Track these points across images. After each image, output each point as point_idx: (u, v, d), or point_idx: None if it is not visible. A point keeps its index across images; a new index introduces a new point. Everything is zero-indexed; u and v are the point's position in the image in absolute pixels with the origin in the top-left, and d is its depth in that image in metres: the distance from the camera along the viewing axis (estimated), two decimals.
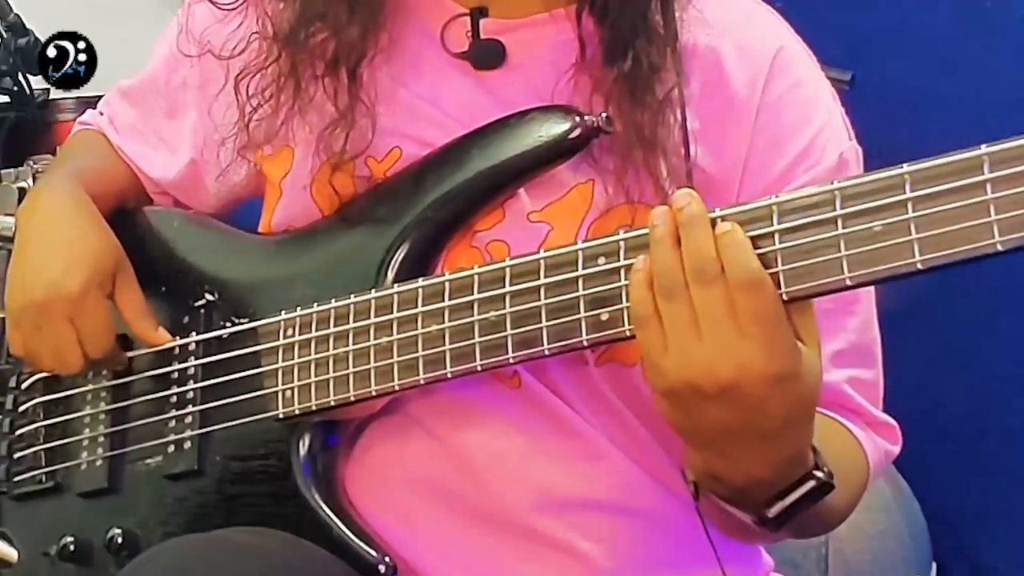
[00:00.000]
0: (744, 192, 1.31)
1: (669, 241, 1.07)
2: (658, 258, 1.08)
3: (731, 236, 1.06)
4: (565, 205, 1.31)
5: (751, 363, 1.05)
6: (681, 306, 1.06)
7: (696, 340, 1.06)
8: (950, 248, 1.00)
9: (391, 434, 1.35)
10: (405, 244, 1.33)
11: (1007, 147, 0.98)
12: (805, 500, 1.14)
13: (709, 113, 1.32)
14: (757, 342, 1.05)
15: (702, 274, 1.06)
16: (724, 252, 1.06)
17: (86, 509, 1.48)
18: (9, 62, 2.60)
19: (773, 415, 1.07)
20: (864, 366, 1.35)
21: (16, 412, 1.56)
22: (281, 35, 1.39)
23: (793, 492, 1.14)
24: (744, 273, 1.05)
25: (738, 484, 1.13)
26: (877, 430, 1.35)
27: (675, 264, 1.07)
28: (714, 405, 1.07)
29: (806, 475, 1.13)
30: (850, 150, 1.35)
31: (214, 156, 1.48)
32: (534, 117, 1.31)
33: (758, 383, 1.05)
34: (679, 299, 1.06)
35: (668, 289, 1.07)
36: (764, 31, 1.37)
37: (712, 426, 1.09)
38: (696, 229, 1.07)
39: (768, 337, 1.05)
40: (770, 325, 1.05)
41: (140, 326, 1.46)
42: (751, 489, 1.13)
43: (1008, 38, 2.46)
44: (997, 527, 2.60)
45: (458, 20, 1.38)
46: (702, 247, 1.06)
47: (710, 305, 1.05)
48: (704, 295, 1.06)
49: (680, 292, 1.06)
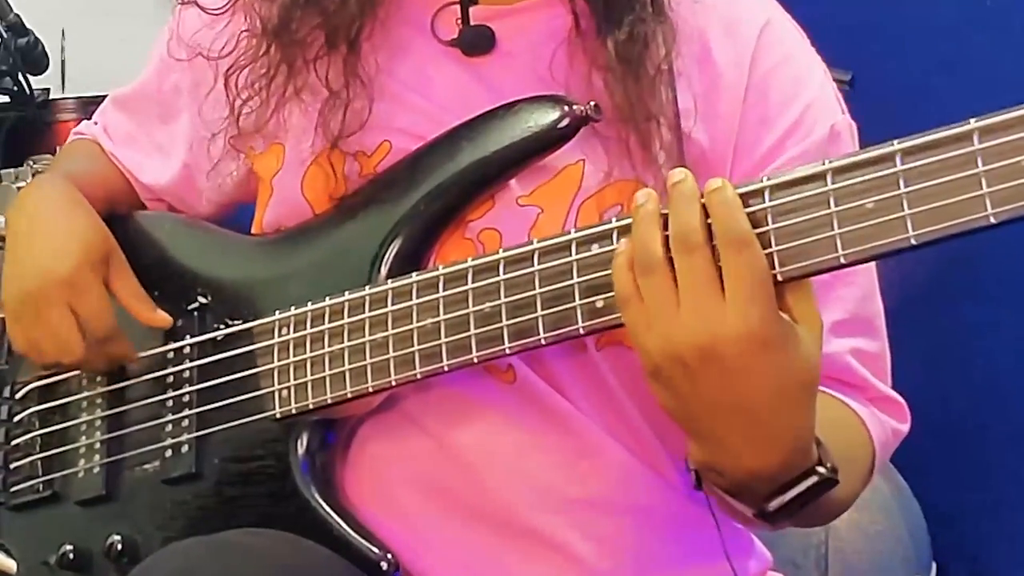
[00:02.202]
0: (736, 168, 1.31)
1: (653, 219, 1.07)
2: (639, 236, 1.07)
3: (721, 194, 1.05)
4: (554, 187, 1.32)
5: (729, 325, 1.03)
6: (660, 279, 1.05)
7: (675, 312, 1.05)
8: (943, 222, 1.00)
9: (388, 432, 1.35)
10: (398, 239, 1.33)
11: (996, 120, 0.98)
12: (806, 495, 1.12)
13: (699, 90, 1.33)
14: (736, 304, 1.03)
15: (685, 242, 1.05)
16: (714, 211, 1.05)
17: (84, 517, 1.48)
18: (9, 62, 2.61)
19: (758, 386, 1.05)
20: (867, 336, 1.34)
21: (11, 422, 1.56)
22: (270, 27, 1.40)
23: (794, 488, 1.12)
24: (732, 232, 1.04)
25: (739, 477, 1.11)
26: (882, 406, 1.35)
27: (655, 239, 1.06)
28: (699, 377, 1.05)
29: (808, 470, 1.11)
30: (842, 123, 1.35)
31: (204, 151, 1.49)
32: (523, 108, 1.31)
33: (741, 347, 1.03)
34: (658, 272, 1.05)
35: (646, 265, 1.06)
36: (750, 7, 1.38)
37: (700, 403, 1.07)
38: (685, 202, 1.06)
39: (747, 297, 1.03)
40: (756, 285, 1.03)
41: (137, 308, 1.46)
42: (752, 483, 1.12)
43: (1008, 38, 2.47)
44: (997, 527, 2.59)
45: (448, 8, 1.38)
46: (689, 219, 1.05)
47: (691, 273, 1.04)
48: (686, 263, 1.04)
49: (658, 266, 1.05)
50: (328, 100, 1.36)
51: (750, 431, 1.08)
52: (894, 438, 1.35)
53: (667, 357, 1.06)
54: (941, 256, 1.09)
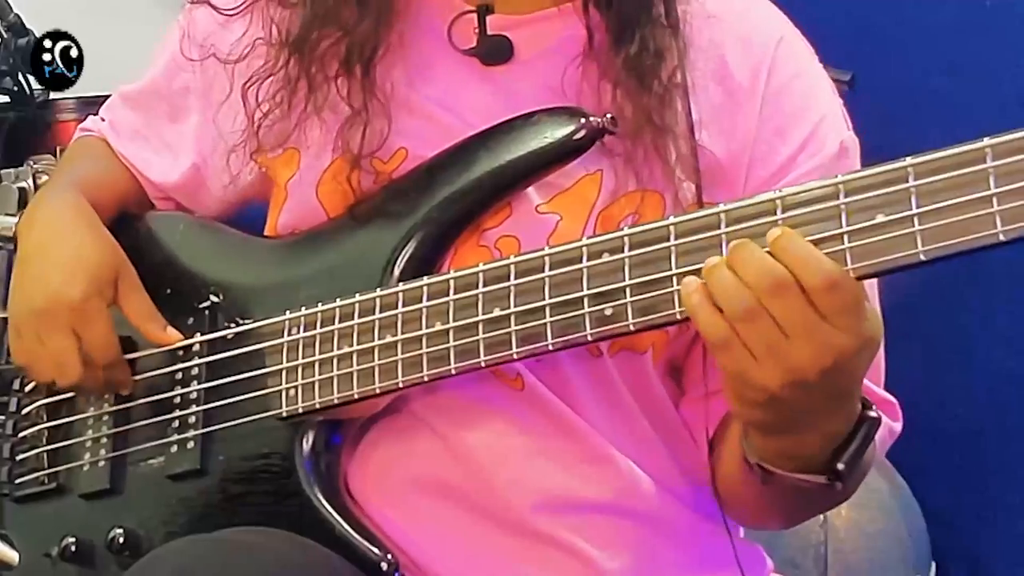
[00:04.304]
0: (750, 180, 1.32)
1: (721, 263, 1.08)
2: (718, 281, 1.08)
3: (790, 239, 1.07)
4: (573, 195, 1.32)
5: (847, 348, 1.07)
6: (764, 323, 1.07)
7: (788, 344, 1.07)
8: (953, 239, 1.01)
9: (395, 433, 1.35)
10: (411, 244, 1.33)
11: (1010, 139, 0.99)
12: (865, 441, 1.17)
13: (715, 102, 1.33)
14: (850, 331, 1.07)
15: (776, 288, 1.06)
16: (787, 257, 1.06)
17: (88, 510, 1.48)
18: (9, 62, 2.59)
19: (860, 377, 1.13)
20: None
21: (19, 414, 1.56)
22: (290, 40, 1.40)
23: (855, 437, 1.17)
24: (819, 276, 1.06)
25: (810, 452, 1.16)
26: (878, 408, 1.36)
27: (738, 285, 1.07)
28: (816, 391, 1.09)
29: (862, 417, 1.17)
30: (849, 139, 1.37)
31: (223, 163, 1.47)
32: (540, 119, 1.31)
33: (858, 355, 1.09)
34: (760, 317, 1.07)
35: (745, 311, 1.07)
36: (765, 23, 1.39)
37: (806, 409, 1.12)
38: (746, 248, 1.08)
39: (858, 323, 1.07)
40: (858, 311, 1.07)
41: (149, 328, 1.45)
42: (822, 450, 1.16)
43: (1008, 38, 2.47)
44: (997, 527, 2.59)
45: (464, 17, 1.38)
46: (763, 262, 1.07)
47: (792, 312, 1.06)
48: (782, 306, 1.06)
49: (758, 311, 1.07)
50: (348, 119, 1.36)
51: (833, 407, 1.14)
52: (889, 438, 1.38)
53: (788, 385, 1.08)
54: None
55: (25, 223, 1.51)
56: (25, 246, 1.48)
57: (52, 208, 1.51)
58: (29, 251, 1.48)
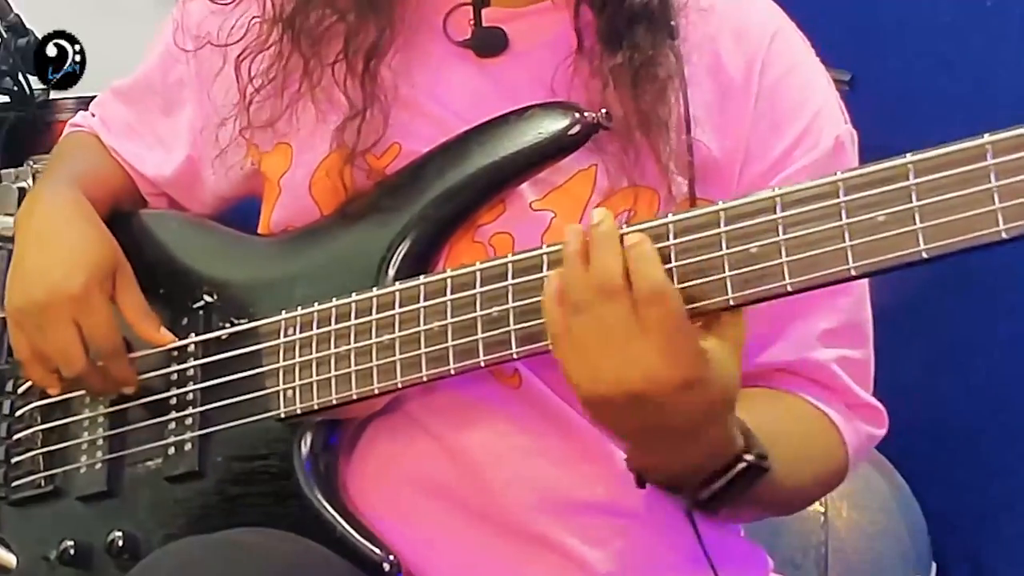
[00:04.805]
0: (744, 176, 1.32)
1: (578, 259, 1.11)
2: (568, 274, 1.12)
3: (639, 249, 1.10)
4: (567, 192, 1.32)
5: (656, 373, 1.09)
6: (588, 320, 1.10)
7: (602, 354, 1.09)
8: (954, 237, 1.00)
9: (393, 434, 1.35)
10: (406, 241, 1.33)
11: (1010, 136, 0.99)
12: (736, 482, 1.18)
13: (709, 97, 1.33)
14: (662, 353, 1.08)
15: (603, 289, 1.09)
16: (632, 265, 1.09)
17: (86, 513, 1.48)
18: (9, 62, 2.60)
19: (687, 416, 1.12)
20: (854, 346, 1.37)
21: (13, 417, 1.55)
22: (285, 16, 1.40)
23: (722, 476, 1.18)
24: (649, 286, 1.09)
25: (674, 471, 1.19)
26: (860, 412, 1.37)
27: (583, 280, 1.11)
28: (628, 412, 1.11)
29: (735, 459, 1.18)
30: (845, 133, 1.37)
31: (212, 138, 1.47)
32: (534, 113, 1.31)
33: (666, 390, 1.09)
34: (586, 314, 1.10)
35: (576, 304, 1.11)
36: (759, 16, 1.39)
37: (632, 427, 1.14)
38: (603, 247, 1.10)
39: (672, 346, 1.08)
40: (674, 334, 1.08)
41: (143, 327, 1.45)
42: (684, 476, 1.19)
43: (1008, 38, 2.47)
44: (997, 527, 2.59)
45: (460, 10, 1.38)
46: (608, 264, 1.10)
47: (614, 319, 1.09)
48: (608, 309, 1.09)
49: (587, 308, 1.10)
50: (347, 117, 1.35)
51: (675, 446, 1.16)
52: (868, 442, 1.40)
53: (595, 395, 1.11)
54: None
55: (24, 214, 1.51)
56: (24, 237, 1.48)
57: (51, 202, 1.50)
58: (28, 242, 1.48)
